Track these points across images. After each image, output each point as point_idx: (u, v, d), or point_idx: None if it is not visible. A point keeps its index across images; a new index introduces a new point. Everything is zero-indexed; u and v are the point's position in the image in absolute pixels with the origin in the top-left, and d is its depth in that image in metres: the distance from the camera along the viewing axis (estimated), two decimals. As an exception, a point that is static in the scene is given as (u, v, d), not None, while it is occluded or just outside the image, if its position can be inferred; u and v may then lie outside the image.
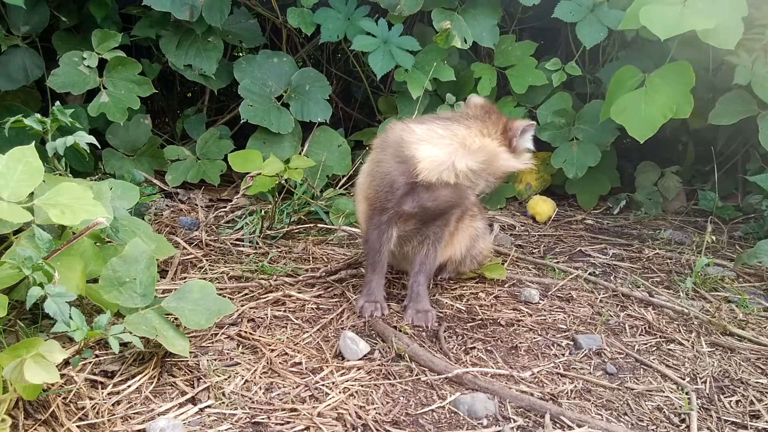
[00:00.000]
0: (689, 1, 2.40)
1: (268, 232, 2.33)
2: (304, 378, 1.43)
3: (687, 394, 1.45)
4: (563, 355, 1.61)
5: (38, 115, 1.74)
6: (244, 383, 1.40)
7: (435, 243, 1.77)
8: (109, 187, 1.68)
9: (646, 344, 1.70)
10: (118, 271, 1.43)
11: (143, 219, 1.89)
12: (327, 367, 1.48)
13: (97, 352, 1.45)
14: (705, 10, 2.35)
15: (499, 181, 1.70)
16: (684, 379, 1.52)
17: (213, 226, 2.41)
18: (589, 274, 2.13)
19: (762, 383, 1.53)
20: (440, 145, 1.57)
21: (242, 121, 2.67)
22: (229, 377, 1.41)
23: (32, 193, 1.41)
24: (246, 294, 1.85)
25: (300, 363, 1.49)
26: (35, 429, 1.20)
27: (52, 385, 1.28)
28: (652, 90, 2.54)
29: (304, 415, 1.29)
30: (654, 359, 1.61)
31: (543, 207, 2.79)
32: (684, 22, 2.34)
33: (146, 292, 1.44)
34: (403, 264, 1.95)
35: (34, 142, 1.49)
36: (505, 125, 1.63)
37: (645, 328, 1.79)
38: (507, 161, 1.62)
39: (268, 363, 1.48)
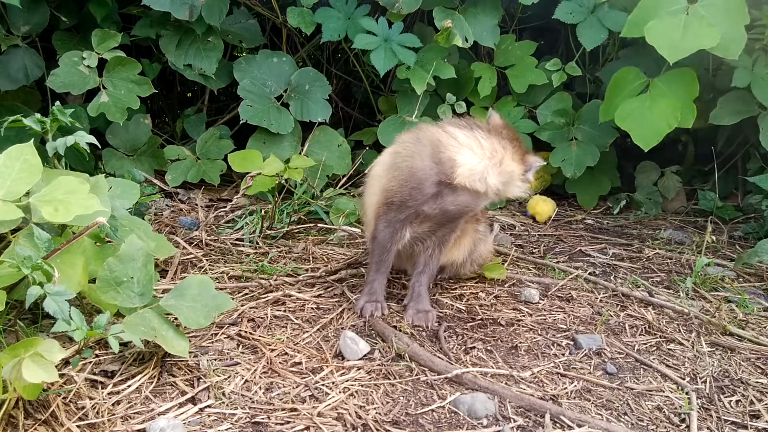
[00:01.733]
0: (692, 8, 2.41)
1: (268, 232, 2.33)
2: (304, 378, 1.43)
3: (687, 393, 1.45)
4: (563, 354, 1.61)
5: (38, 115, 1.73)
6: (244, 383, 1.40)
7: (441, 245, 1.78)
8: (109, 186, 1.67)
9: (646, 344, 1.70)
10: (115, 271, 1.42)
11: (143, 219, 1.89)
12: (327, 366, 1.48)
13: (96, 351, 1.45)
14: (707, 18, 2.36)
15: (500, 200, 1.77)
16: (684, 379, 1.52)
17: (213, 226, 2.41)
18: (589, 273, 2.13)
19: (762, 383, 1.52)
20: (480, 156, 1.62)
21: (242, 121, 2.67)
22: (229, 377, 1.41)
23: (29, 191, 1.40)
24: (246, 294, 1.85)
25: (300, 363, 1.49)
26: (35, 429, 1.20)
27: (52, 384, 1.28)
28: (657, 96, 2.54)
29: (304, 414, 1.29)
30: (654, 359, 1.61)
31: (543, 207, 2.79)
32: (689, 39, 2.34)
33: (144, 291, 1.43)
34: (405, 264, 1.95)
35: (33, 140, 1.49)
36: (523, 156, 1.69)
37: (645, 328, 1.78)
38: (518, 189, 1.70)
39: (268, 363, 1.48)
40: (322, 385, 1.41)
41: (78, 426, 1.21)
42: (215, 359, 1.48)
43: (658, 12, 2.45)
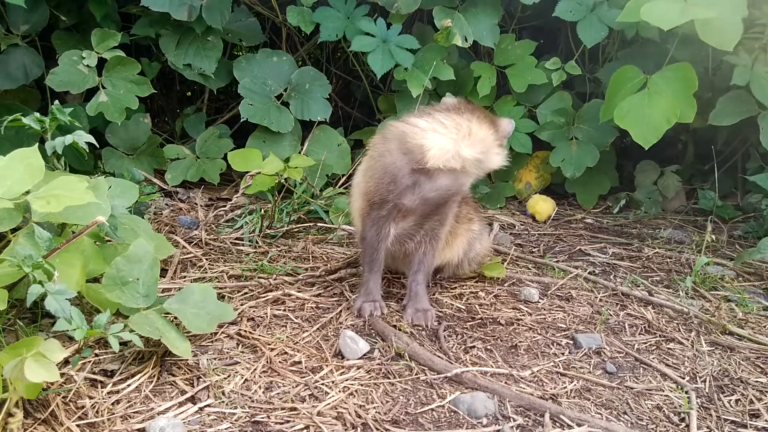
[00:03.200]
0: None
1: (268, 231, 2.33)
2: (304, 377, 1.43)
3: (686, 393, 1.45)
4: (563, 354, 1.61)
5: (37, 114, 1.74)
6: (244, 382, 1.40)
7: (433, 241, 1.78)
8: (108, 185, 1.67)
9: (645, 343, 1.70)
10: (122, 271, 1.43)
11: (143, 218, 1.89)
12: (327, 366, 1.48)
13: (96, 351, 1.45)
14: (706, 6, 2.35)
15: (483, 175, 1.76)
16: (683, 378, 1.52)
17: (213, 225, 2.41)
18: (589, 273, 2.13)
19: (761, 382, 1.53)
20: (446, 134, 1.63)
21: (242, 120, 2.67)
22: (228, 376, 1.41)
23: (29, 191, 1.41)
24: (246, 293, 1.85)
25: (300, 362, 1.49)
26: (35, 428, 1.20)
27: (52, 384, 1.27)
28: (655, 93, 2.53)
29: (304, 414, 1.29)
30: (653, 358, 1.62)
31: (543, 206, 2.79)
32: (686, 14, 2.33)
33: (149, 292, 1.44)
34: (401, 265, 1.95)
35: (36, 144, 1.49)
36: (493, 122, 1.71)
37: (645, 327, 1.78)
38: (497, 156, 1.71)
39: (267, 362, 1.48)
40: (322, 384, 1.41)
41: (78, 425, 1.21)
42: (215, 358, 1.48)
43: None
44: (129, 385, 1.35)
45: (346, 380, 1.43)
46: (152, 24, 2.67)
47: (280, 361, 1.49)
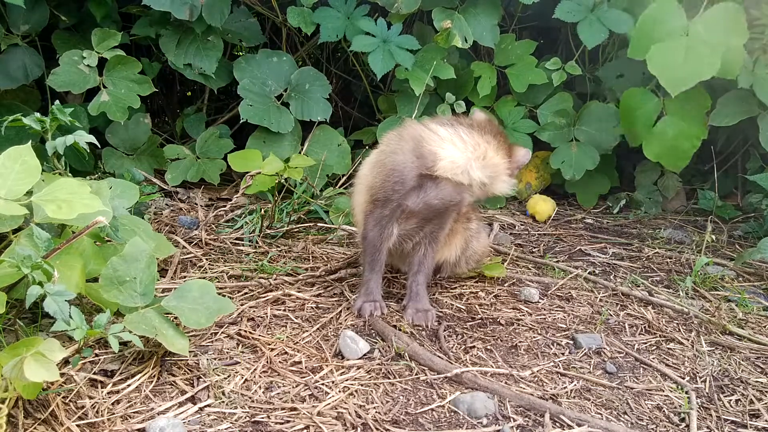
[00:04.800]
0: (691, 29, 2.45)
1: (268, 231, 2.33)
2: (304, 377, 1.43)
3: (687, 393, 1.45)
4: (563, 354, 1.61)
5: (38, 114, 1.73)
6: (244, 382, 1.40)
7: (432, 243, 1.78)
8: (109, 186, 1.68)
9: (645, 343, 1.70)
10: (118, 270, 1.43)
11: (143, 218, 1.89)
12: (327, 366, 1.48)
13: (96, 351, 1.45)
14: (708, 41, 2.41)
15: (485, 197, 1.78)
16: (684, 378, 1.52)
17: (213, 225, 2.41)
18: (589, 273, 2.13)
19: (762, 382, 1.53)
20: (462, 150, 1.65)
21: (242, 121, 2.67)
22: (228, 376, 1.41)
23: (30, 191, 1.41)
24: (246, 293, 1.85)
25: (300, 362, 1.49)
26: (35, 428, 1.20)
27: (52, 384, 1.28)
28: (676, 120, 2.65)
29: (304, 414, 1.29)
30: (654, 358, 1.62)
31: (543, 206, 2.79)
32: (690, 66, 2.42)
33: (146, 291, 1.44)
34: (399, 263, 1.96)
35: (30, 141, 1.49)
36: (510, 150, 1.74)
37: (645, 327, 1.79)
38: (504, 183, 1.73)
39: (267, 362, 1.48)
40: (322, 384, 1.41)
41: (78, 425, 1.21)
42: (215, 358, 1.48)
43: (656, 29, 2.52)
44: (129, 385, 1.35)
45: (346, 380, 1.43)
46: (152, 24, 2.66)
47: (280, 361, 1.49)
